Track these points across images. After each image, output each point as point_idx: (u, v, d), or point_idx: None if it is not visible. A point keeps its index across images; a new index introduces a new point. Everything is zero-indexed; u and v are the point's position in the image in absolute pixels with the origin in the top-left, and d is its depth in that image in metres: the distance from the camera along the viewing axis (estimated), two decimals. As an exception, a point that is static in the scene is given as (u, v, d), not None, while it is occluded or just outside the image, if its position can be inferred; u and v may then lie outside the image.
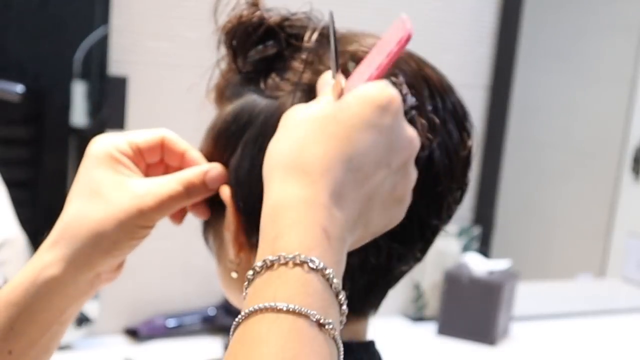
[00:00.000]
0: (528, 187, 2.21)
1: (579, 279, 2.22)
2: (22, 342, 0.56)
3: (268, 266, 0.45)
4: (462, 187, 0.61)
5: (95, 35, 1.49)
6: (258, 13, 0.57)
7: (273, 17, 0.58)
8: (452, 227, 1.87)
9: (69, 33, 1.53)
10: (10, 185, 1.27)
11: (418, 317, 1.87)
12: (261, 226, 0.48)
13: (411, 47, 0.61)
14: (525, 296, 1.92)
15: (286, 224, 0.46)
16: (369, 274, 0.58)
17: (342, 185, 0.47)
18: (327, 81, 0.53)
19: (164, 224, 0.62)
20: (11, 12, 1.48)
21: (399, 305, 1.89)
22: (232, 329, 0.45)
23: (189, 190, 0.57)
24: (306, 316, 0.43)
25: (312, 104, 0.50)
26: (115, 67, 1.51)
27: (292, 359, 0.42)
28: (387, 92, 0.49)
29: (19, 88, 1.36)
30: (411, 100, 0.55)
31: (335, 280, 0.45)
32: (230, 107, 0.59)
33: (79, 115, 1.53)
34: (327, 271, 0.45)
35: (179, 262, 1.63)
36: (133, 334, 1.58)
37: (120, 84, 1.51)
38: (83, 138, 1.55)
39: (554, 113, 2.20)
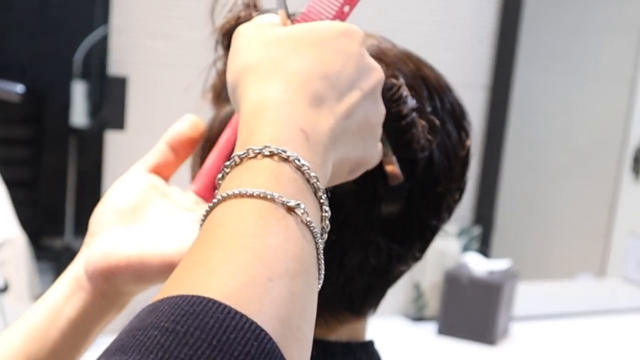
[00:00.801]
0: (528, 187, 2.21)
1: (579, 279, 2.22)
2: None
3: (236, 163, 0.41)
4: (461, 186, 0.61)
5: (95, 35, 1.49)
6: (255, 14, 0.57)
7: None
8: (452, 227, 1.87)
9: (69, 33, 1.53)
10: (10, 185, 1.28)
11: (418, 317, 1.87)
12: (238, 133, 0.44)
13: (412, 47, 0.61)
14: (525, 296, 1.92)
15: (260, 122, 0.42)
16: (368, 275, 0.58)
17: (321, 97, 0.45)
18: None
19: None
20: (11, 12, 1.48)
21: (399, 305, 1.89)
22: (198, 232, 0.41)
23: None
24: (271, 199, 0.39)
25: (269, 24, 0.49)
26: (115, 67, 1.51)
27: (251, 237, 0.37)
28: (345, 23, 0.49)
29: (19, 88, 1.36)
30: (412, 102, 0.55)
31: (312, 174, 0.41)
32: (229, 109, 0.59)
33: (79, 115, 1.53)
34: (302, 162, 0.40)
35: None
36: (133, 334, 1.58)
37: (120, 84, 1.51)
38: (83, 138, 1.55)
39: (554, 113, 2.20)
